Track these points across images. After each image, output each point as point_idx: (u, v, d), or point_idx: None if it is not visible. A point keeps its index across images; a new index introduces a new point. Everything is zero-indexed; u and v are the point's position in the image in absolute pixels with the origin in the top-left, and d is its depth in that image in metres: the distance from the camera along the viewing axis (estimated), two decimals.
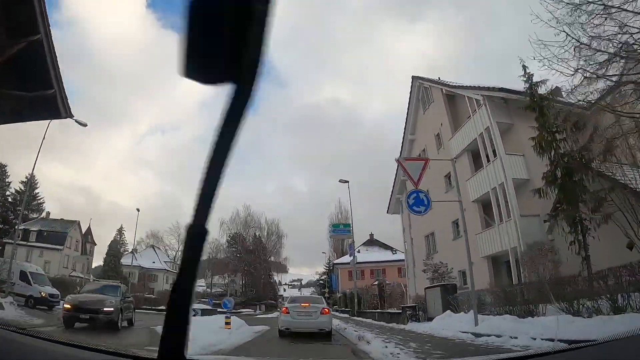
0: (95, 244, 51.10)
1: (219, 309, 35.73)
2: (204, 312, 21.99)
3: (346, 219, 59.24)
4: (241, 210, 56.69)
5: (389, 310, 16.43)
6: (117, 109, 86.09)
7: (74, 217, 49.44)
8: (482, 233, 18.25)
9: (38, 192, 54.92)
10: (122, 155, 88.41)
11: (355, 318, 20.69)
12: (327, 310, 10.38)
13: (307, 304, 10.29)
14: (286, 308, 10.37)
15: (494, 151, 18.64)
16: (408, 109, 26.07)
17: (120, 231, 69.60)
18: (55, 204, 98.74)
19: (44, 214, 48.84)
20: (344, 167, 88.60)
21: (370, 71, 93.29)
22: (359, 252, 48.43)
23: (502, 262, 17.84)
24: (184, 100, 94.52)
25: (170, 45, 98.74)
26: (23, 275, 18.96)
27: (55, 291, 19.75)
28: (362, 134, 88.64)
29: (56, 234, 44.68)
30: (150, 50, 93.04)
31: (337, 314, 35.82)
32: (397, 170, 26.75)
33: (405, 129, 26.24)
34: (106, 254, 48.24)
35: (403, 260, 47.04)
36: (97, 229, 65.00)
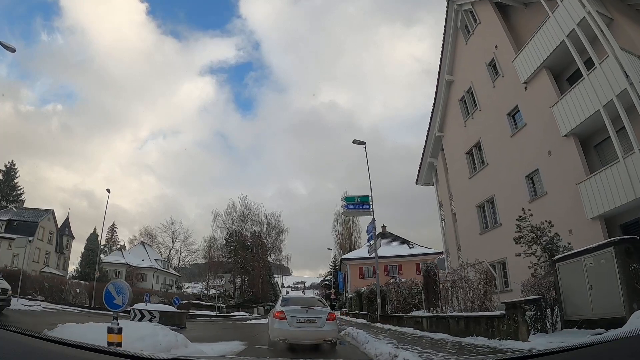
0: (74, 238, 44.12)
1: (195, 311, 27.72)
2: (166, 316, 14.94)
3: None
4: (238, 203, 49.43)
5: (457, 313, 8.38)
6: (120, 114, 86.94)
7: (75, 219, 44.42)
8: (589, 180, 10.77)
9: (17, 182, 49.20)
10: (125, 159, 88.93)
11: (381, 326, 13.23)
12: (333, 316, 7.61)
13: (310, 307, 7.48)
14: (281, 312, 7.37)
15: (585, 62, 11.44)
16: (443, 44, 18.91)
17: (112, 228, 63.41)
18: (57, 207, 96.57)
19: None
20: (342, 170, 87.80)
21: (368, 75, 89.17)
22: (369, 246, 40.92)
23: (624, 222, 10.32)
24: (185, 105, 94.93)
25: (170, 51, 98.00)
26: None
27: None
28: (359, 137, 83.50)
29: (26, 223, 37.92)
30: (151, 56, 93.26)
31: (345, 317, 28.09)
32: (429, 125, 19.51)
33: (440, 71, 19.05)
34: (84, 249, 41.16)
35: (421, 254, 39.54)
36: (98, 230, 60.86)
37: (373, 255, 37.12)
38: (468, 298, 8.48)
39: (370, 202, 17.72)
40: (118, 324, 4.99)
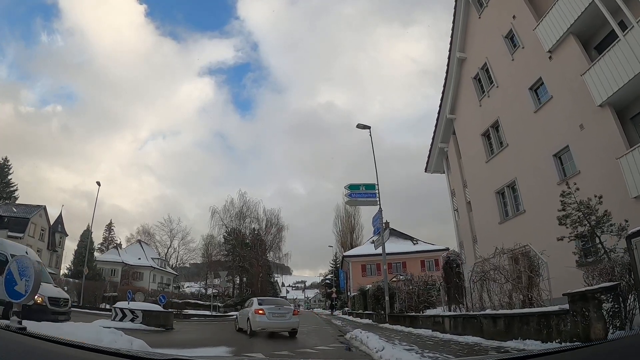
0: (67, 235, 42.39)
1: (190, 311, 25.93)
2: (150, 316, 13.33)
3: (354, 207, 50.07)
4: (236, 199, 47.64)
5: (492, 311, 6.63)
6: (119, 115, 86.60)
7: (75, 220, 42.97)
8: (631, 153, 9.03)
9: (11, 179, 47.60)
10: (125, 159, 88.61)
11: (391, 327, 11.39)
12: (296, 312, 10.98)
13: (281, 306, 10.68)
14: (261, 309, 10.11)
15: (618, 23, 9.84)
16: (454, 20, 17.21)
17: (109, 227, 61.71)
18: (57, 207, 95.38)
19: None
20: (341, 170, 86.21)
21: (366, 76, 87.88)
22: (372, 242, 39.13)
23: None
24: (184, 106, 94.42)
25: (168, 52, 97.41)
26: None
27: (63, 294, 10.91)
28: (357, 138, 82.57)
29: (17, 220, 36.20)
30: (150, 57, 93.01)
31: (349, 318, 26.17)
32: (439, 107, 17.79)
33: (450, 49, 17.33)
34: (77, 246, 39.44)
35: (426, 251, 37.76)
36: (96, 230, 59.70)
37: (378, 251, 35.39)
38: (504, 292, 6.77)
39: (377, 191, 15.97)
40: (20, 322, 3.31)
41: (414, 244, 36.35)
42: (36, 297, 8.91)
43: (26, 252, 10.28)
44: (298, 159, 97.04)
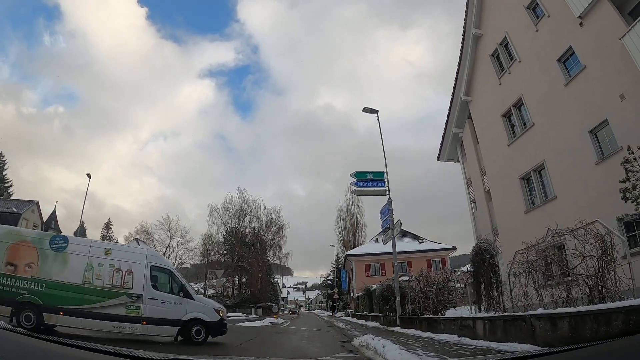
0: (61, 232, 40.81)
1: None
2: None
3: (357, 203, 48.31)
4: (235, 197, 46.07)
5: (548, 311, 4.86)
6: (120, 116, 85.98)
7: (76, 220, 41.59)
8: None
9: (6, 175, 46.33)
10: (126, 160, 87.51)
11: (404, 332, 9.55)
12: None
13: None
14: None
15: None
16: None
17: (107, 225, 60.24)
18: (59, 209, 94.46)
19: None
20: (340, 171, 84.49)
21: (364, 78, 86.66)
22: (376, 241, 37.37)
23: None
24: (185, 107, 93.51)
25: (169, 55, 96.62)
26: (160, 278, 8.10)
27: (220, 306, 9.34)
28: (355, 140, 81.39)
29: (8, 215, 34.70)
30: (151, 59, 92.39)
31: (353, 320, 23.59)
32: (453, 90, 16.17)
33: (465, 26, 15.75)
34: None
35: (432, 250, 35.91)
36: (95, 230, 58.74)
37: (382, 249, 33.56)
38: (562, 285, 5.18)
39: (386, 179, 14.32)
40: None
41: (420, 242, 34.64)
42: (219, 311, 8.38)
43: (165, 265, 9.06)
44: (297, 161, 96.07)
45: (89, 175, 25.39)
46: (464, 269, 11.89)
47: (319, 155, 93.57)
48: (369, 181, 14.59)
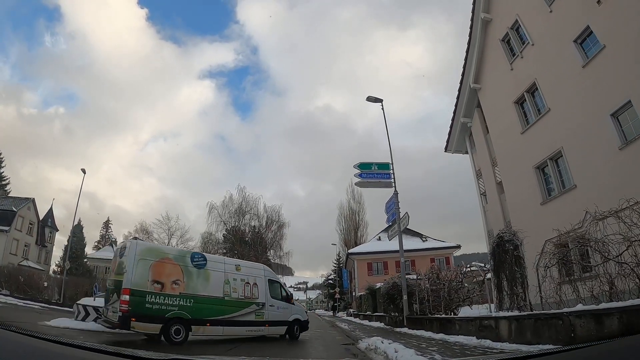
0: (57, 230, 40.20)
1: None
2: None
3: (359, 201, 47.42)
4: (235, 194, 45.29)
5: (590, 307, 4.10)
6: (121, 117, 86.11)
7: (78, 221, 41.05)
8: None
9: (3, 172, 45.70)
10: (126, 161, 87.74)
11: (414, 333, 8.65)
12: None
13: None
14: None
15: None
16: None
17: (106, 224, 59.54)
18: (59, 208, 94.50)
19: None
20: (339, 172, 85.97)
21: (363, 79, 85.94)
22: (378, 239, 36.52)
23: None
24: (185, 108, 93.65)
25: (169, 56, 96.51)
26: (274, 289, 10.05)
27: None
28: (354, 141, 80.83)
29: (3, 212, 34.06)
30: (151, 61, 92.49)
31: (355, 320, 22.99)
32: (461, 77, 15.35)
33: (473, 11, 14.89)
34: (68, 241, 37.14)
35: (436, 248, 35.04)
36: (94, 230, 58.40)
37: (385, 247, 32.68)
38: (606, 276, 4.39)
39: (391, 171, 13.52)
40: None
41: (423, 241, 33.83)
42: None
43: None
44: (297, 161, 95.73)
45: (83, 171, 24.72)
46: (480, 264, 11.00)
47: (319, 156, 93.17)
48: (374, 173, 13.80)
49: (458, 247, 33.76)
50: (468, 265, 10.99)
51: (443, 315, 8.62)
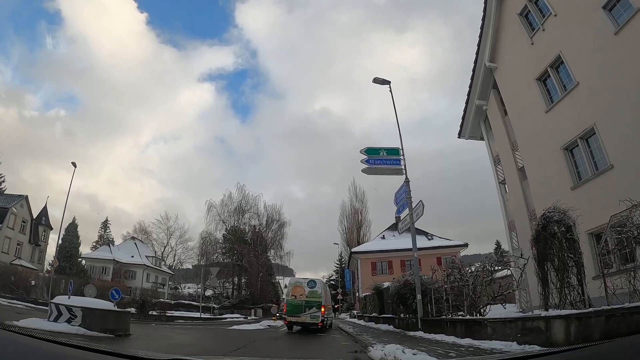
0: (52, 228, 39.12)
1: (174, 313, 22.82)
2: (94, 316, 9.70)
3: (362, 199, 46.14)
4: (235, 193, 44.16)
5: None
6: (121, 120, 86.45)
7: (79, 222, 40.43)
8: None
9: None
10: (127, 163, 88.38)
11: (432, 338, 7.30)
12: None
13: None
14: None
15: None
16: None
17: (104, 224, 58.54)
18: (59, 208, 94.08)
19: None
20: (338, 174, 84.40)
21: (361, 82, 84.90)
22: (382, 238, 35.22)
23: None
24: (185, 111, 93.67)
25: (169, 59, 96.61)
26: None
27: None
28: (353, 143, 79.77)
29: None
30: (151, 64, 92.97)
31: (360, 322, 20.98)
32: (476, 56, 14.13)
33: None
34: (62, 240, 36.08)
35: (442, 247, 33.60)
36: (93, 231, 57.66)
37: (390, 246, 31.26)
38: None
39: (401, 157, 12.24)
40: None
41: (429, 239, 32.53)
42: None
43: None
44: (296, 163, 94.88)
45: (74, 164, 23.65)
46: (517, 254, 9.64)
47: (317, 159, 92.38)
48: (382, 158, 12.54)
49: (465, 245, 32.44)
50: (501, 254, 9.69)
51: (468, 317, 7.34)
